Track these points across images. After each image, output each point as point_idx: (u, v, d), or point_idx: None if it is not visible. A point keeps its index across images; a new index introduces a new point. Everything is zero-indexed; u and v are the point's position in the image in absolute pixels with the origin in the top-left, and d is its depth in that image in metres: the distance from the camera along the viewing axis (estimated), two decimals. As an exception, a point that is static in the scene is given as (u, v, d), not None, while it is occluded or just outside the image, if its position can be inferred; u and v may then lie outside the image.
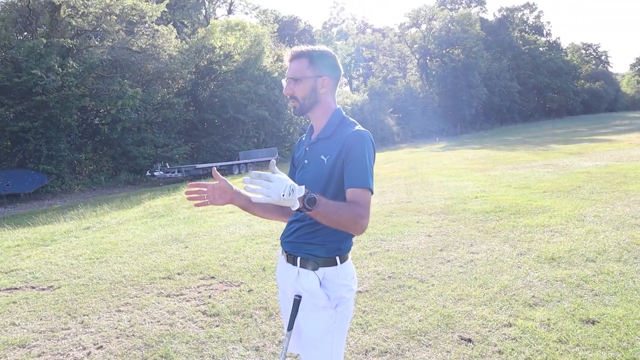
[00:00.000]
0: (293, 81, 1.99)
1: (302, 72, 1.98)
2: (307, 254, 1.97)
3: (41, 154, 20.12)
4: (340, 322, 1.96)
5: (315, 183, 1.96)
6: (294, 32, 55.65)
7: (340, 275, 1.97)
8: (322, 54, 2.02)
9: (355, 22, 61.28)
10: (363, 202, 1.82)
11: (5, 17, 21.07)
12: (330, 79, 2.02)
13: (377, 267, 5.23)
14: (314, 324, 1.95)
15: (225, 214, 10.06)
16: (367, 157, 1.88)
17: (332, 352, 1.95)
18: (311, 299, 1.95)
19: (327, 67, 2.01)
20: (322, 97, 2.02)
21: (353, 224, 1.79)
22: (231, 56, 29.27)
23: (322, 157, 1.96)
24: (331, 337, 1.95)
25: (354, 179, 1.85)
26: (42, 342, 4.01)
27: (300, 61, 1.99)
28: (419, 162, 18.63)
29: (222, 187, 2.10)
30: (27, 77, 19.24)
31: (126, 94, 22.02)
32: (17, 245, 8.42)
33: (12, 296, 5.37)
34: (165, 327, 4.07)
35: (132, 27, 24.76)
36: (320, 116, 2.06)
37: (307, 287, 1.95)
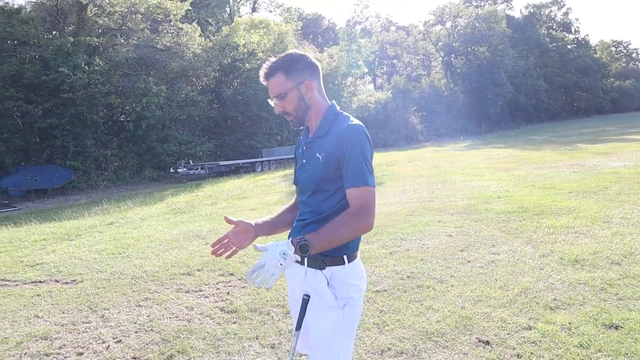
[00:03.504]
0: (279, 99, 1.98)
1: (284, 87, 1.96)
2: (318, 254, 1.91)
3: (68, 150, 20.50)
4: (348, 322, 1.93)
5: (312, 181, 1.97)
6: (318, 29, 55.66)
7: (349, 274, 1.94)
8: (293, 60, 1.99)
9: (379, 20, 61.04)
10: (362, 202, 1.82)
11: (35, 17, 21.52)
12: (311, 80, 2.00)
13: (397, 266, 5.19)
14: (321, 324, 1.93)
15: (246, 211, 10.11)
16: (362, 152, 1.85)
17: (340, 353, 1.93)
18: (319, 299, 1.93)
19: (303, 71, 1.99)
20: (311, 100, 2.01)
21: (358, 232, 1.82)
22: (255, 54, 29.38)
23: (318, 155, 1.95)
24: (338, 338, 1.92)
25: (351, 179, 1.84)
26: (64, 335, 4.08)
27: (277, 77, 1.97)
28: (442, 161, 18.46)
29: (242, 229, 2.09)
30: (55, 75, 19.61)
31: (151, 91, 22.28)
32: (43, 240, 8.58)
33: (36, 289, 5.48)
34: (183, 323, 4.10)
35: (157, 26, 25.05)
36: (314, 118, 2.04)
37: (315, 287, 1.94)
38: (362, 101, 39.71)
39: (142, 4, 23.02)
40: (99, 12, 22.88)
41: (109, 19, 23.33)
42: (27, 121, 19.94)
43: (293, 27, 35.16)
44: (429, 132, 44.56)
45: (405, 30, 58.73)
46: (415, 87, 46.19)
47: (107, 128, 23.66)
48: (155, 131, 24.08)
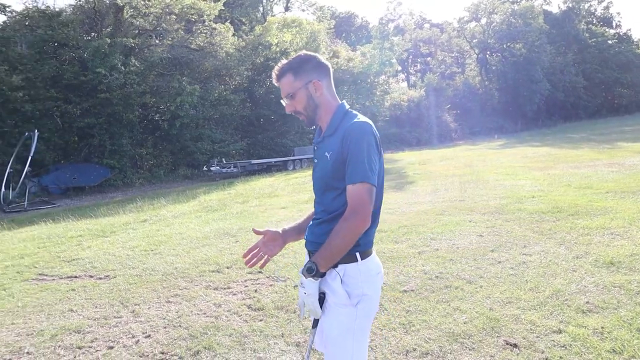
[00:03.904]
0: (289, 99, 2.06)
1: (292, 87, 2.04)
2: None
3: (105, 148, 20.99)
4: (362, 320, 1.95)
5: (323, 180, 2.02)
6: (351, 28, 55.54)
7: (362, 271, 1.96)
8: (301, 61, 2.06)
9: (412, 17, 60.52)
10: (355, 201, 1.85)
11: (74, 19, 22.10)
12: (320, 79, 2.05)
13: (425, 266, 5.14)
14: (334, 321, 1.94)
15: (277, 210, 10.16)
16: (364, 149, 1.88)
17: (353, 351, 1.93)
18: (333, 297, 1.94)
19: (311, 71, 2.05)
20: (320, 99, 2.06)
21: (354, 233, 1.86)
22: (287, 53, 29.45)
23: (326, 154, 1.99)
24: (352, 336, 1.93)
25: (350, 176, 1.88)
26: (96, 329, 4.18)
27: (286, 77, 2.05)
28: (476, 159, 18.19)
29: (270, 238, 2.21)
30: (92, 76, 20.11)
31: (185, 90, 22.61)
32: (79, 236, 8.81)
33: (71, 284, 5.63)
34: (211, 320, 4.15)
35: (191, 26, 25.39)
36: (324, 116, 2.08)
37: (329, 285, 1.95)
38: (395, 99, 39.47)
39: (176, 4, 23.39)
40: (135, 13, 23.36)
41: (145, 20, 23.80)
42: (67, 121, 20.51)
43: (325, 26, 35.15)
44: (462, 130, 43.97)
45: (439, 28, 58.05)
46: (449, 85, 45.66)
47: (143, 127, 24.11)
48: (189, 130, 24.41)
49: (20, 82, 18.60)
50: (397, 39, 41.87)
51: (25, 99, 18.82)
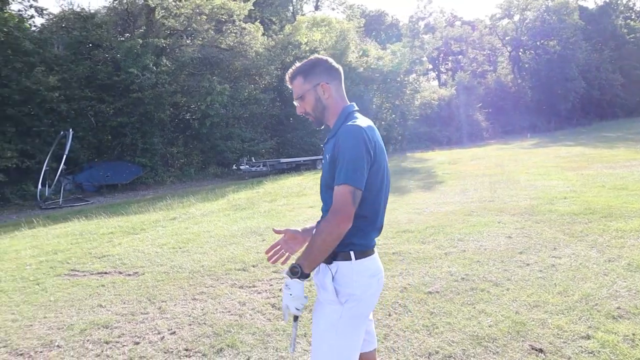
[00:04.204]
0: (299, 100, 2.18)
1: (302, 89, 2.15)
2: None
3: (137, 147, 21.37)
4: (348, 319, 1.96)
5: (323, 179, 2.09)
6: (381, 26, 55.23)
7: (356, 271, 2.00)
8: (311, 65, 2.15)
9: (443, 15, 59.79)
10: (335, 202, 1.89)
11: (108, 21, 22.56)
12: (328, 82, 2.12)
13: (451, 267, 5.08)
14: (321, 316, 2.01)
15: (304, 209, 10.18)
16: (350, 151, 1.91)
17: (335, 348, 1.96)
18: (322, 292, 2.03)
19: (320, 74, 2.14)
20: (328, 101, 2.15)
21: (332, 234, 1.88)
22: (316, 52, 29.51)
23: (327, 155, 2.07)
24: (335, 332, 1.96)
25: (336, 177, 1.92)
26: (123, 324, 4.27)
27: (297, 80, 2.16)
28: (507, 159, 17.88)
29: (291, 237, 2.31)
30: (125, 76, 20.49)
31: (215, 90, 22.83)
32: (110, 233, 8.99)
33: (101, 280, 5.75)
34: (235, 318, 4.19)
35: (221, 26, 25.62)
36: (331, 118, 2.15)
37: (321, 280, 2.04)
38: (425, 98, 39.09)
39: (206, 5, 23.64)
40: (166, 14, 23.71)
41: (176, 20, 24.13)
42: (100, 120, 20.94)
43: (355, 25, 35.03)
44: (494, 129, 43.28)
45: (471, 25, 57.25)
46: (480, 84, 44.97)
47: (174, 126, 24.45)
48: (219, 129, 24.65)
49: (56, 82, 19.06)
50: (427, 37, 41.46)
51: (60, 99, 19.29)
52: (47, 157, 17.41)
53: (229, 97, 23.81)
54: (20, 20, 19.57)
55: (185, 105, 24.28)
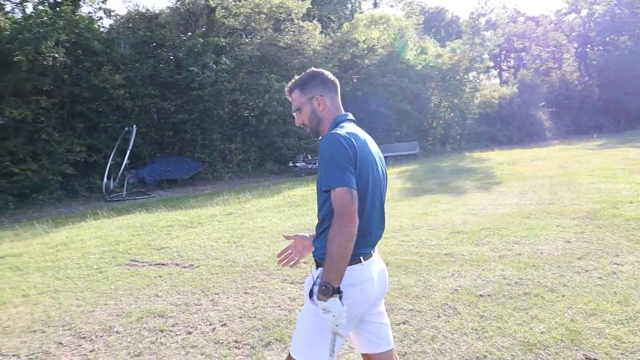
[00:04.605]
0: (297, 112, 2.26)
1: (299, 101, 2.23)
2: (315, 256, 2.15)
3: (197, 143, 21.99)
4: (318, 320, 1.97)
5: (318, 190, 2.11)
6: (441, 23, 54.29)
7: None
8: (307, 78, 2.25)
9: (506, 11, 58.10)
10: (336, 205, 1.92)
11: (170, 21, 23.32)
12: (323, 95, 2.22)
13: (505, 271, 4.96)
14: (303, 308, 2.15)
15: (358, 207, 10.19)
16: (331, 156, 1.97)
17: (301, 339, 2.09)
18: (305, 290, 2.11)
19: (316, 87, 2.22)
20: (323, 113, 2.23)
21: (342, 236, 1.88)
22: (374, 50, 29.37)
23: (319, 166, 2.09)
24: (307, 328, 2.08)
25: (326, 182, 1.97)
26: (177, 314, 4.42)
27: (294, 93, 2.25)
28: (570, 160, 17.21)
29: (300, 243, 2.46)
30: (186, 74, 21.12)
31: (273, 88, 23.15)
32: (169, 226, 9.31)
33: (159, 271, 5.98)
34: (284, 313, 4.25)
35: (279, 25, 25.92)
36: (326, 128, 2.23)
37: (307, 281, 2.14)
38: (485, 97, 38.15)
39: (265, 4, 23.99)
40: (226, 13, 24.25)
41: (235, 20, 24.63)
42: (162, 117, 21.69)
43: (414, 22, 34.58)
44: (557, 129, 41.69)
45: (535, 21, 55.34)
46: (543, 81, 43.38)
47: (232, 123, 24.96)
48: (276, 126, 24.98)
49: (122, 80, 19.89)
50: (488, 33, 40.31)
51: (125, 96, 20.11)
52: (113, 152, 18.18)
53: (286, 95, 24.05)
54: (90, 22, 20.53)
55: (243, 102, 24.74)
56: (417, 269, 5.26)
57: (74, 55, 18.97)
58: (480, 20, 42.79)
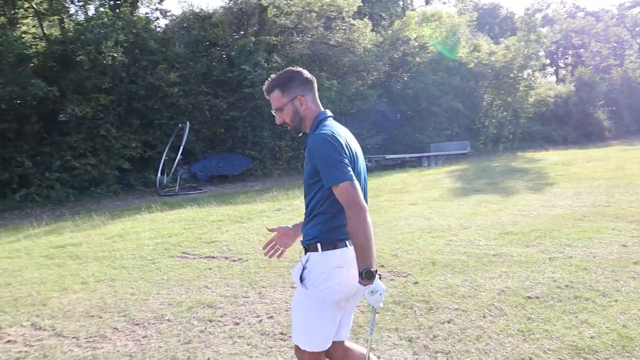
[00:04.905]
0: (278, 112, 2.34)
1: (280, 102, 2.31)
2: (305, 241, 2.33)
3: (247, 140, 22.37)
4: (314, 302, 2.21)
5: (306, 182, 2.32)
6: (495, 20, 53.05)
7: (322, 261, 2.22)
8: (288, 79, 2.32)
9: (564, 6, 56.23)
10: (345, 198, 2.08)
11: (223, 20, 23.81)
12: (305, 94, 2.32)
13: (555, 273, 4.85)
14: (295, 297, 2.33)
15: (406, 205, 10.13)
16: (326, 156, 2.13)
17: (305, 324, 2.25)
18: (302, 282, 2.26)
19: (297, 87, 2.31)
20: (305, 112, 2.33)
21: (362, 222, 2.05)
22: (426, 47, 29.05)
23: (307, 158, 2.29)
24: (303, 311, 2.25)
25: (327, 180, 2.14)
26: (226, 306, 4.56)
27: (275, 93, 2.32)
28: (630, 161, 16.51)
29: (284, 233, 2.61)
30: (238, 72, 21.52)
31: (323, 86, 23.25)
32: (219, 220, 9.54)
33: (209, 263, 6.16)
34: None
35: (330, 23, 25.99)
36: (308, 126, 2.36)
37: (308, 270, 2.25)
38: (540, 95, 37.09)
39: (316, 2, 24.13)
40: (278, 12, 24.55)
41: (286, 18, 24.90)
42: (214, 114, 22.20)
43: (467, 19, 33.91)
44: (617, 129, 40.08)
45: (595, 16, 53.27)
46: (603, 79, 41.77)
47: (282, 121, 25.26)
48: (325, 124, 25.09)
49: (176, 78, 20.49)
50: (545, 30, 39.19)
51: (180, 94, 20.69)
52: (167, 148, 18.73)
53: (336, 92, 24.15)
54: (147, 22, 21.24)
55: (293, 100, 24.97)
56: (464, 268, 5.22)
57: (131, 55, 19.66)
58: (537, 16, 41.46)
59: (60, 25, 18.85)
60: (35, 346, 3.95)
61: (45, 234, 9.63)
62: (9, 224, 12.35)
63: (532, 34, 33.34)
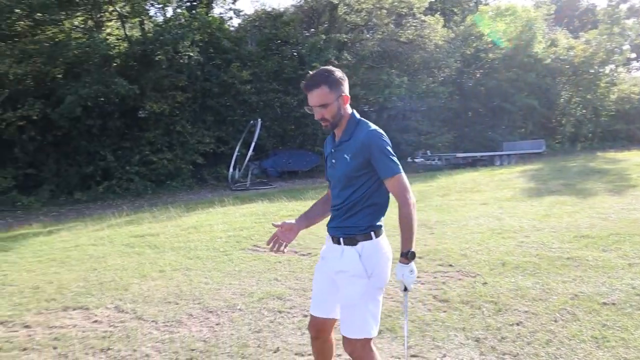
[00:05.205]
0: (321, 108, 2.38)
1: (327, 98, 2.36)
2: (345, 233, 2.42)
3: (317, 137, 22.63)
4: (373, 289, 2.38)
5: (343, 177, 2.43)
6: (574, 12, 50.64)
7: (377, 247, 2.42)
8: (334, 76, 2.39)
9: (653, -3, 52.80)
10: (398, 189, 2.33)
11: (294, 18, 24.21)
12: (348, 94, 2.43)
13: (635, 280, 4.65)
14: (351, 291, 2.37)
15: (477, 205, 9.96)
16: (386, 149, 2.35)
17: (368, 313, 2.36)
18: (351, 271, 2.36)
19: (341, 85, 2.40)
20: (345, 111, 2.44)
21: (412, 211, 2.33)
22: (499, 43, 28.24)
23: (345, 156, 2.41)
24: (365, 302, 2.35)
25: (383, 172, 2.34)
26: (295, 298, 4.71)
27: (321, 89, 2.36)
28: None
29: (286, 228, 2.69)
30: (308, 70, 21.67)
31: (393, 83, 23.18)
32: (289, 215, 9.72)
33: (279, 257, 6.34)
34: (397, 304, 4.36)
35: (401, 19, 25.82)
36: (343, 124, 2.47)
37: (348, 261, 2.38)
38: (623, 92, 35.10)
39: (387, -1, 24.08)
40: (348, 10, 24.68)
41: (357, 15, 24.96)
42: (285, 111, 22.64)
43: (544, 12, 32.59)
44: None
45: (688, 7, 49.67)
46: (695, 74, 38.95)
47: (352, 118, 25.34)
48: (396, 121, 24.99)
49: (248, 76, 21.06)
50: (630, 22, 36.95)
51: (252, 91, 21.26)
52: (239, 144, 19.29)
53: (406, 89, 23.98)
54: (222, 22, 21.93)
55: (363, 97, 24.94)
56: (536, 271, 5.10)
57: (206, 54, 20.40)
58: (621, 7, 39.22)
59: (141, 27, 19.85)
60: (118, 327, 4.26)
61: (125, 224, 10.23)
62: (94, 214, 13.18)
63: (615, 27, 31.61)
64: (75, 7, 18.20)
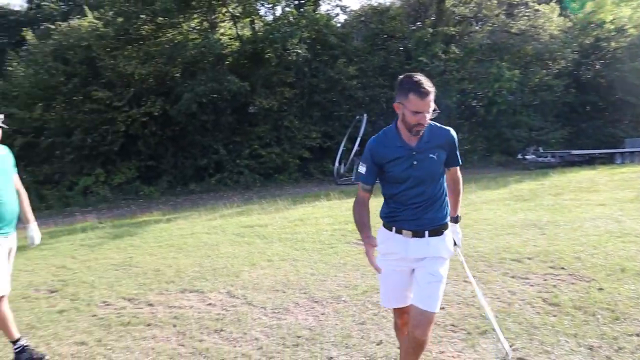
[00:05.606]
0: (429, 113, 2.60)
1: (432, 105, 2.60)
2: (432, 226, 2.73)
3: (422, 133, 22.36)
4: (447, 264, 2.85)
5: (431, 175, 2.72)
6: None
7: (450, 233, 2.87)
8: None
9: None
10: (459, 176, 2.97)
11: (401, 12, 24.06)
12: None
13: None
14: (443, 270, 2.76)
15: (593, 206, 9.35)
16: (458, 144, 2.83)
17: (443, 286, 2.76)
18: (438, 253, 2.74)
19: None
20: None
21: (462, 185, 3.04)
22: (624, 30, 26.02)
23: (432, 155, 2.70)
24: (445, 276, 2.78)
25: (458, 161, 2.87)
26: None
27: (433, 96, 2.60)
28: None
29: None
30: (415, 64, 21.53)
31: (503, 76, 22.27)
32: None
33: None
34: (503, 305, 4.27)
35: (512, 9, 24.70)
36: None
37: (438, 248, 2.75)
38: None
39: (497, -11, 23.16)
40: (456, 2, 24.06)
41: (465, 7, 24.24)
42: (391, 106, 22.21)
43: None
44: None
45: None
46: None
47: (459, 112, 24.59)
48: (505, 116, 23.97)
49: (354, 72, 21.25)
50: None
51: (358, 87, 21.42)
52: (344, 139, 19.50)
53: (517, 83, 22.97)
54: (329, 18, 22.27)
55: (472, 91, 24.20)
56: (660, 278, 4.74)
57: (313, 50, 20.83)
58: None
59: (251, 26, 20.71)
60: (230, 311, 4.56)
61: (236, 215, 10.81)
62: (207, 204, 14.03)
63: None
64: (192, 10, 19.40)
